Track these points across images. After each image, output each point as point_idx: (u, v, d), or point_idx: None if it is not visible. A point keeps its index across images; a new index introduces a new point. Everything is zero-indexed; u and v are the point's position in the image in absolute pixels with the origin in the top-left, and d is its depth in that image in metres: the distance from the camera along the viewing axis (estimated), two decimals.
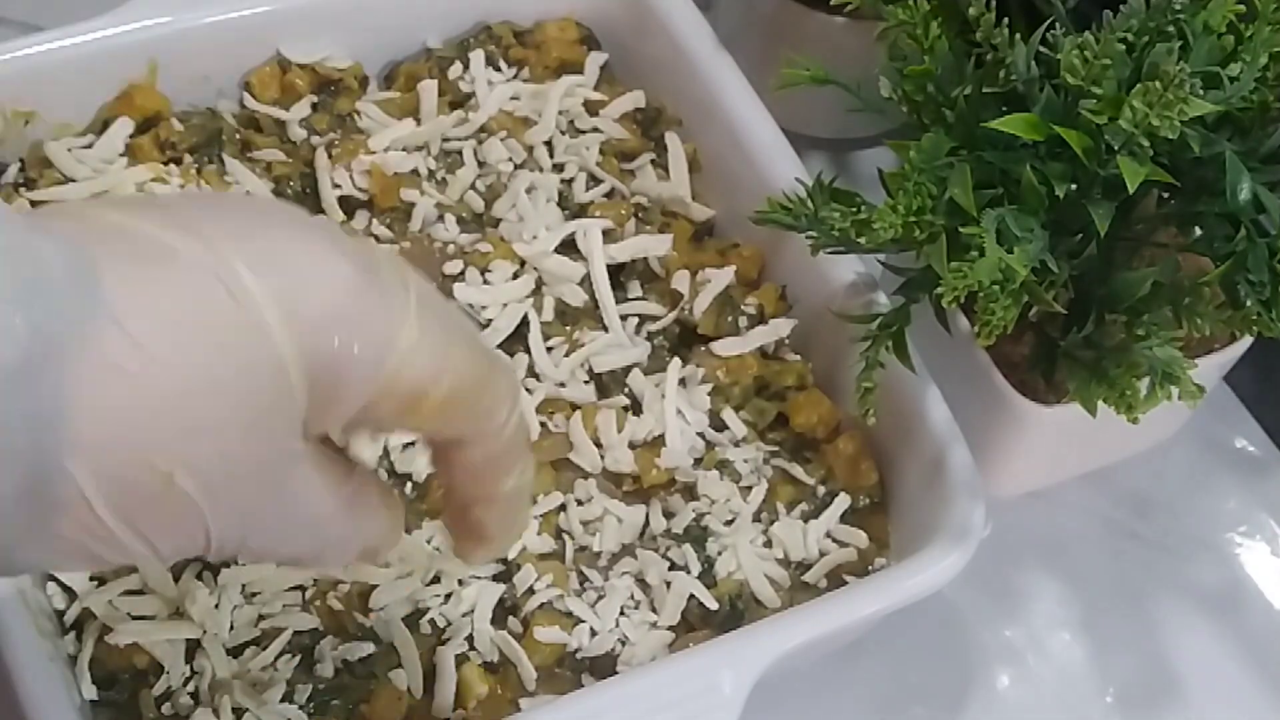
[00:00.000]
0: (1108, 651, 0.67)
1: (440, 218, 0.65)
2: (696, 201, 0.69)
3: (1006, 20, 0.54)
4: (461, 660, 0.55)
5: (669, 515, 0.60)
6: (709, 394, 0.62)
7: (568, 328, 0.63)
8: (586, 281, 0.64)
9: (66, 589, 0.55)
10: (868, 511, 0.61)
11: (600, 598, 0.57)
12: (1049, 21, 0.55)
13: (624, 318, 0.64)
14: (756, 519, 0.60)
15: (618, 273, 0.65)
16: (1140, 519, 0.71)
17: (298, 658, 0.55)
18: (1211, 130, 0.53)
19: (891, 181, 0.54)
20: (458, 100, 0.69)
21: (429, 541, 0.57)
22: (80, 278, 0.33)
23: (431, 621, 0.56)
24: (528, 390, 0.61)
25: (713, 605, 0.57)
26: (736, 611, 0.57)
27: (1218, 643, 0.68)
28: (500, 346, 0.62)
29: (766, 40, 0.75)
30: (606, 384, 0.62)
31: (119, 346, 0.33)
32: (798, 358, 0.64)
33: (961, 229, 0.52)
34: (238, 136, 0.67)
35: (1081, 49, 0.50)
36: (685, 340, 0.64)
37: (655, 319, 0.64)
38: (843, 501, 0.60)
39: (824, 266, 0.63)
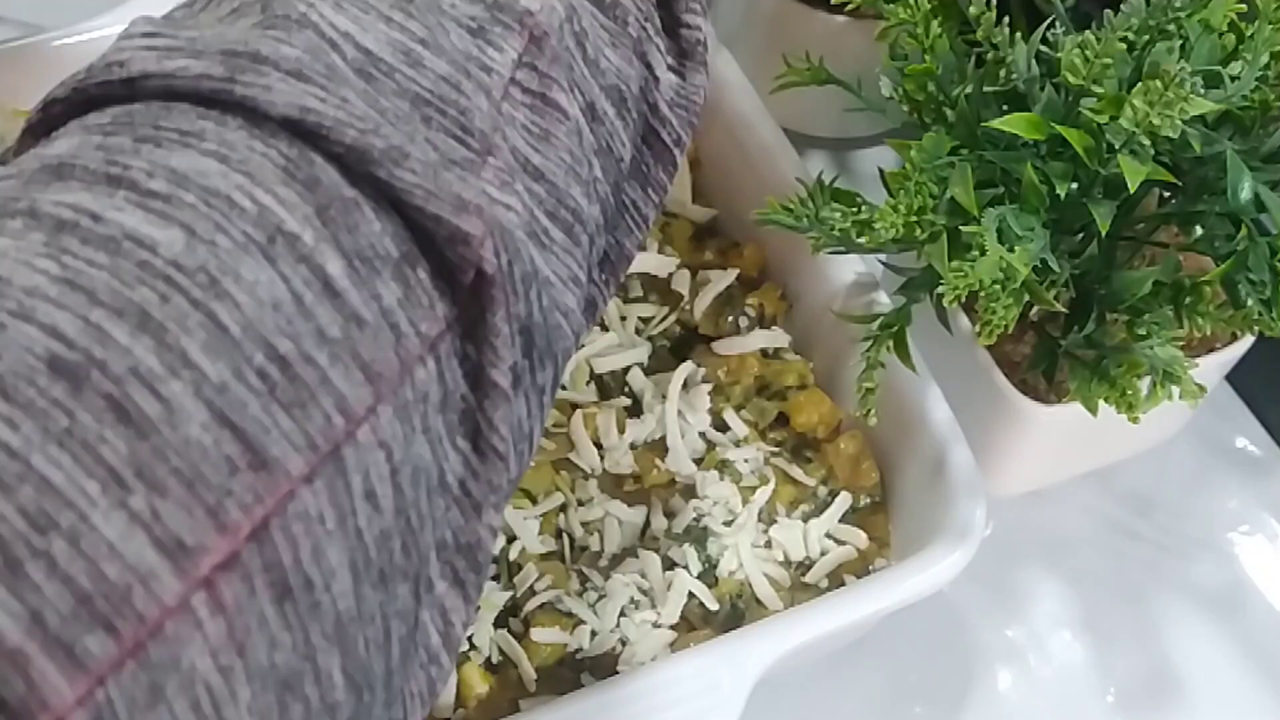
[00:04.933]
0: (1109, 651, 0.67)
1: None
2: (697, 201, 0.69)
3: (1007, 19, 0.54)
4: (461, 660, 0.55)
5: (670, 515, 0.60)
6: (709, 394, 0.62)
7: None
8: None
9: None
10: (869, 511, 0.61)
11: (601, 598, 0.57)
12: (1049, 20, 0.55)
13: (624, 318, 0.64)
14: (757, 519, 0.60)
15: None
16: (1141, 518, 0.71)
17: None
18: (1212, 129, 0.53)
19: (892, 181, 0.54)
20: None
21: None
22: None
23: None
24: None
25: (713, 605, 0.57)
26: (737, 611, 0.57)
27: (1219, 642, 0.68)
28: None
29: (767, 39, 0.75)
30: (607, 384, 0.62)
31: None
32: (798, 357, 0.64)
33: (962, 228, 0.52)
34: None
35: (1082, 48, 0.50)
36: (686, 340, 0.64)
37: (656, 319, 0.64)
38: (844, 501, 0.60)
39: (825, 266, 0.63)
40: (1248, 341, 0.64)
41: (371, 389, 0.27)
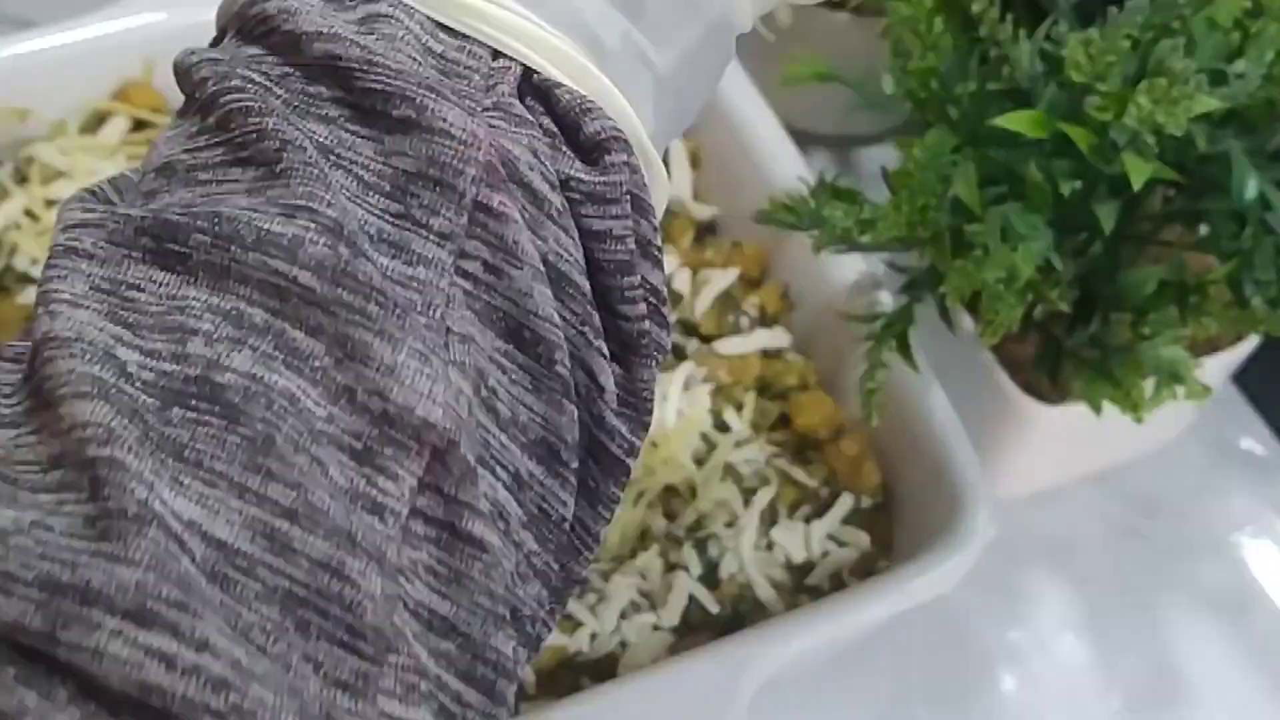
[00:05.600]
0: (1113, 653, 0.67)
1: None
2: (698, 200, 0.68)
3: (1010, 16, 0.53)
4: None
5: (670, 517, 0.59)
6: (710, 394, 0.61)
7: None
8: None
9: None
10: (871, 513, 0.61)
11: (600, 600, 0.57)
12: (1053, 18, 0.54)
13: None
14: (759, 520, 0.59)
15: None
16: (1146, 520, 0.71)
17: None
18: (1217, 127, 0.53)
19: (895, 179, 0.54)
20: None
21: None
22: None
23: None
24: None
25: (714, 608, 0.57)
26: (738, 614, 0.57)
27: (1224, 644, 0.68)
28: None
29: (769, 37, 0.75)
30: None
31: None
32: (800, 357, 0.64)
33: (966, 227, 0.51)
34: None
35: (1086, 45, 0.50)
36: (686, 340, 0.64)
37: None
38: (845, 502, 0.60)
39: (827, 265, 0.63)
40: (1253, 342, 0.63)
41: None
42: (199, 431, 0.24)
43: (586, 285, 0.29)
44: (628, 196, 0.29)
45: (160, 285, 0.26)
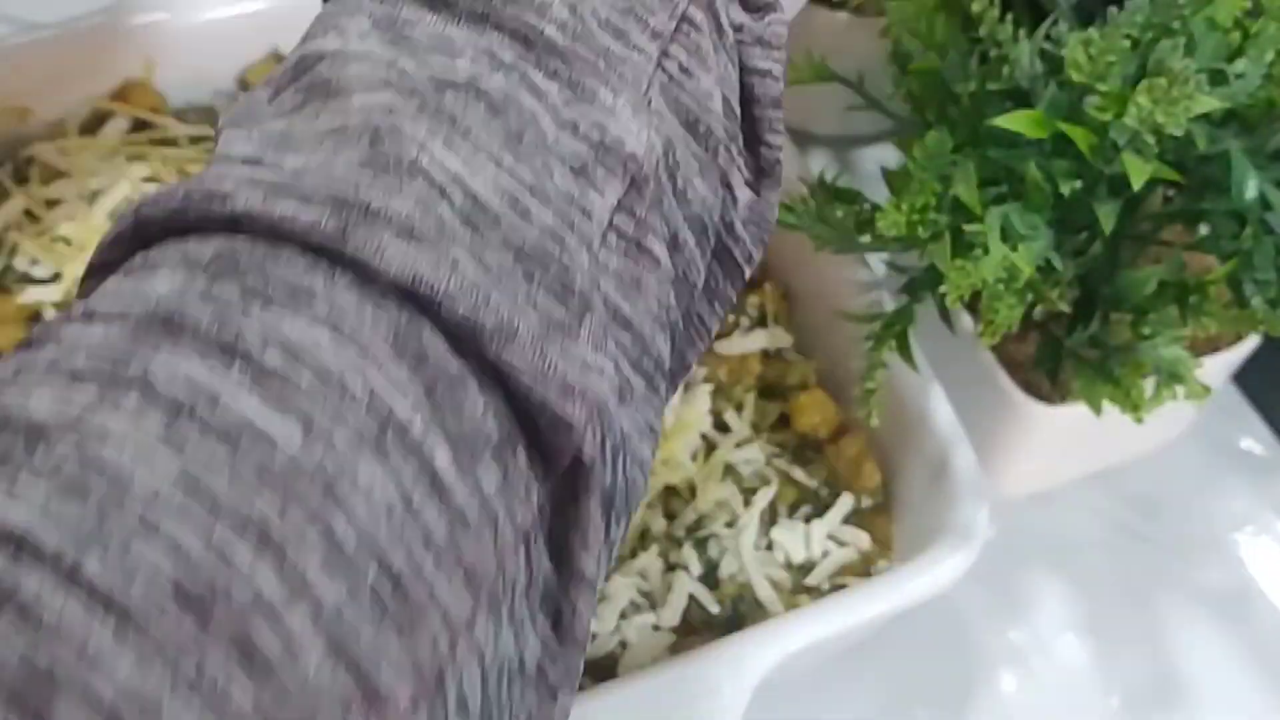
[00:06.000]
0: (1113, 653, 0.67)
1: None
2: None
3: (1010, 16, 0.53)
4: None
5: (670, 517, 0.59)
6: (711, 394, 0.61)
7: None
8: None
9: None
10: (871, 513, 0.61)
11: (600, 600, 0.57)
12: (1052, 17, 0.54)
13: None
14: (759, 520, 0.59)
15: None
16: (1146, 520, 0.71)
17: None
18: (1218, 127, 0.53)
19: (895, 179, 0.53)
20: None
21: None
22: None
23: None
24: None
25: (714, 608, 0.57)
26: (738, 614, 0.57)
27: (1225, 644, 0.68)
28: None
29: None
30: None
31: None
32: (800, 358, 0.64)
33: (966, 227, 0.51)
34: None
35: (1086, 45, 0.50)
36: None
37: None
38: (845, 503, 0.60)
39: (827, 266, 0.63)
40: (1253, 341, 0.63)
41: (471, 597, 0.26)
42: (468, 112, 0.29)
43: (739, 111, 0.35)
44: (786, 46, 0.35)
45: (429, 24, 0.31)
